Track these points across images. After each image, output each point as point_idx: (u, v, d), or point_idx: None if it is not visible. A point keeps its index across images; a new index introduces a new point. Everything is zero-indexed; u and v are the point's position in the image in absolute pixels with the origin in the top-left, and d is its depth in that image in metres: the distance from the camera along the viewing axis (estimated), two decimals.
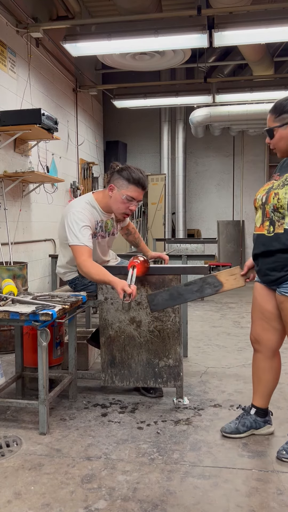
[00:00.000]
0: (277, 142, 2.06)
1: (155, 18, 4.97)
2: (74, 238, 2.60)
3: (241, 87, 7.54)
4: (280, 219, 1.97)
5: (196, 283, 2.34)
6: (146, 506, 1.77)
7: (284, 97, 2.06)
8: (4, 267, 3.92)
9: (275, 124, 2.04)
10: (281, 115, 2.02)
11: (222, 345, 4.03)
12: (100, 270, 2.52)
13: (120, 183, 2.71)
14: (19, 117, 4.20)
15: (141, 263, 2.56)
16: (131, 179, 2.69)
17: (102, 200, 2.79)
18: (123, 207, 2.74)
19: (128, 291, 2.33)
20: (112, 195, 2.74)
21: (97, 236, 2.82)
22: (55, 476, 1.98)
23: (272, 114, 2.06)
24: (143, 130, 9.56)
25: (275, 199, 1.97)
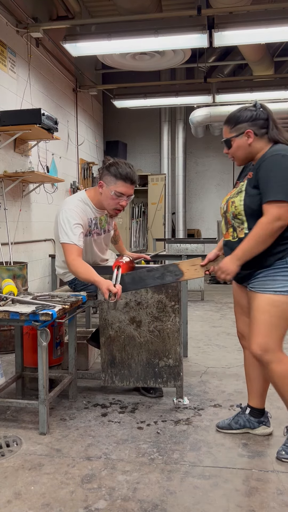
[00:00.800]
0: (235, 151, 2.15)
1: (155, 18, 4.97)
2: (65, 236, 2.60)
3: (241, 87, 7.54)
4: (240, 224, 2.10)
5: (158, 270, 2.42)
6: (146, 506, 1.77)
7: (236, 109, 2.16)
8: (4, 267, 3.92)
9: (232, 134, 2.13)
10: (236, 125, 2.12)
11: (222, 345, 4.03)
12: (87, 269, 2.51)
13: (108, 180, 2.71)
14: (19, 117, 4.20)
15: (126, 263, 2.58)
16: (118, 175, 2.68)
17: (95, 197, 2.79)
18: (113, 203, 2.74)
19: (114, 291, 2.33)
20: (102, 192, 2.74)
21: (92, 233, 2.82)
22: (55, 476, 1.98)
23: (228, 126, 2.16)
24: (143, 130, 9.56)
25: (232, 207, 2.12)
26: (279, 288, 2.00)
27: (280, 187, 1.94)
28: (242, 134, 2.10)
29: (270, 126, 2.08)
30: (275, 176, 1.96)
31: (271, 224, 1.93)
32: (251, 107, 2.12)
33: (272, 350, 2.04)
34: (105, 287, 2.36)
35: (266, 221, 1.94)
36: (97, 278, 2.44)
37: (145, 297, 2.65)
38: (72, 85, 6.92)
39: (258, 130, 2.08)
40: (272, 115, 2.11)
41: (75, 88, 7.04)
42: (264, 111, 2.11)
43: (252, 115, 2.09)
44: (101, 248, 2.96)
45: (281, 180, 1.95)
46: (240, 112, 2.12)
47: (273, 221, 1.93)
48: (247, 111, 2.11)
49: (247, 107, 2.14)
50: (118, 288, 2.35)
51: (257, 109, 2.10)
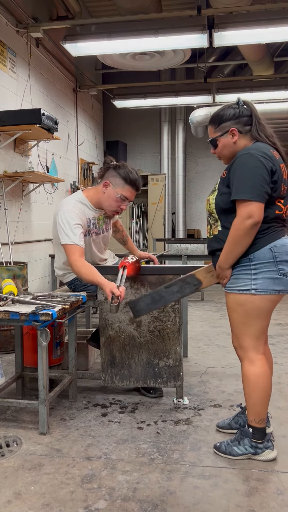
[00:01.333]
0: (221, 150, 2.15)
1: (155, 18, 4.97)
2: (65, 237, 2.59)
3: (241, 87, 7.55)
4: (215, 222, 2.14)
5: (176, 284, 2.37)
6: (146, 506, 1.77)
7: (219, 108, 2.15)
8: (4, 267, 3.92)
9: (217, 134, 2.13)
10: (220, 125, 2.11)
11: (222, 345, 4.03)
12: (90, 270, 2.50)
13: (116, 181, 2.70)
14: (19, 117, 4.20)
15: (132, 264, 2.56)
16: (128, 180, 2.69)
17: (94, 197, 2.78)
18: (115, 205, 2.75)
19: (117, 293, 2.31)
20: (106, 192, 2.73)
21: (91, 233, 2.81)
22: (55, 476, 1.98)
23: (212, 126, 2.16)
24: (143, 130, 9.56)
25: (207, 205, 2.16)
26: (241, 287, 2.02)
27: (245, 187, 1.94)
28: (227, 133, 2.09)
29: (254, 123, 2.07)
30: (241, 176, 1.96)
31: (243, 224, 1.93)
32: (234, 104, 2.12)
33: (245, 348, 2.07)
34: (108, 290, 2.34)
35: (238, 222, 1.95)
36: (100, 279, 2.43)
37: None
38: (72, 85, 6.92)
39: (242, 128, 2.08)
40: (256, 111, 2.10)
41: (75, 88, 7.04)
42: (248, 107, 2.10)
43: (235, 113, 2.08)
44: (99, 247, 2.96)
45: (246, 179, 1.95)
46: (223, 111, 2.11)
47: (244, 220, 1.93)
48: (230, 109, 2.11)
49: (230, 105, 2.13)
50: (121, 290, 2.33)
51: (240, 107, 2.10)
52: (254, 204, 1.92)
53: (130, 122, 9.49)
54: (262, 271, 1.98)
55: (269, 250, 1.98)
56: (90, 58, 7.00)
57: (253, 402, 2.07)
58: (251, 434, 2.09)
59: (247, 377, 2.08)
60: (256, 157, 1.95)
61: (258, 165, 1.94)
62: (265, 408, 2.08)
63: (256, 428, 2.08)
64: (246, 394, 2.10)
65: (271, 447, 2.10)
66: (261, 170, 1.93)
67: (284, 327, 4.63)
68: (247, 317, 2.04)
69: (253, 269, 2.00)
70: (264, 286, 1.98)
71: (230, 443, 2.14)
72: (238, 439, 2.12)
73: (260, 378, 2.05)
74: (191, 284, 2.35)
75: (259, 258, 1.99)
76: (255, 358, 2.06)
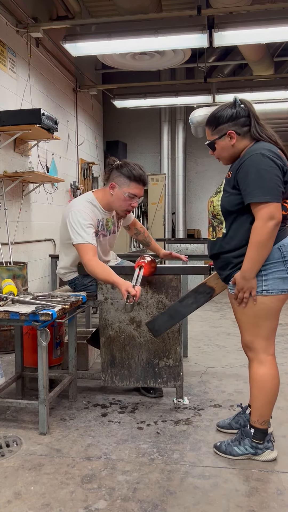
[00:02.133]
0: (220, 152, 2.11)
1: (155, 18, 4.97)
2: (78, 237, 2.59)
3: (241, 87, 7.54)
4: (219, 224, 2.09)
5: (190, 296, 2.37)
6: (146, 506, 1.77)
7: (216, 109, 2.10)
8: (4, 267, 3.92)
9: (214, 136, 2.09)
10: (217, 127, 2.07)
11: (222, 345, 4.03)
12: (105, 269, 2.50)
13: (121, 181, 2.70)
14: (19, 117, 4.20)
15: (148, 263, 2.53)
16: (132, 177, 2.68)
17: (103, 199, 2.78)
18: (125, 204, 2.74)
19: (132, 293, 2.30)
20: (114, 193, 2.73)
21: (99, 234, 2.81)
22: (55, 476, 1.98)
23: (209, 128, 2.11)
24: (143, 130, 9.56)
25: (211, 206, 2.11)
26: None
27: (262, 188, 1.89)
28: (225, 136, 2.04)
29: (252, 123, 2.02)
30: (256, 177, 1.91)
31: (266, 225, 1.89)
32: (231, 105, 2.06)
33: (255, 349, 2.06)
34: (124, 289, 2.33)
35: (260, 225, 1.90)
36: (116, 278, 2.42)
37: (145, 297, 2.65)
38: (72, 85, 6.92)
39: (240, 129, 2.02)
40: (254, 111, 2.05)
41: (75, 88, 7.04)
42: (245, 107, 2.03)
43: (232, 114, 2.03)
44: (104, 249, 2.96)
45: (262, 180, 1.90)
46: (220, 112, 2.06)
47: (266, 222, 1.89)
48: (227, 110, 2.04)
49: (226, 105, 2.07)
50: (137, 290, 2.32)
51: (237, 107, 2.04)
52: (274, 204, 1.89)
53: (130, 122, 9.49)
54: (272, 271, 1.97)
55: (278, 249, 1.97)
56: (90, 58, 6.99)
57: (260, 403, 2.06)
58: (252, 434, 2.09)
59: (255, 378, 2.06)
60: (269, 156, 1.91)
61: (272, 165, 1.90)
62: (270, 410, 2.08)
63: (259, 429, 2.08)
64: (253, 395, 2.09)
65: (271, 448, 2.10)
66: (276, 170, 1.90)
67: (284, 327, 4.63)
68: (257, 318, 2.02)
69: (263, 270, 1.97)
70: (274, 286, 1.97)
71: (231, 443, 2.14)
72: (239, 439, 2.12)
73: (268, 380, 2.04)
74: (205, 293, 2.35)
75: (268, 258, 1.96)
76: (265, 359, 2.05)
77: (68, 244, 2.75)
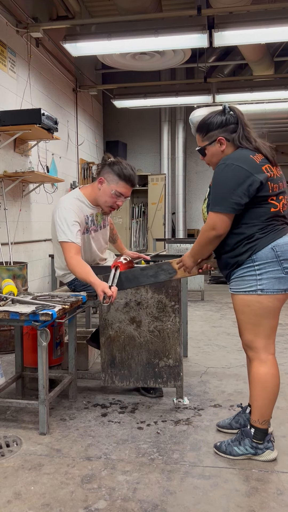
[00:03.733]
0: (210, 158, 2.17)
1: (155, 18, 4.97)
2: (62, 235, 2.60)
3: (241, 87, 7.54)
4: None
5: (152, 268, 2.46)
6: (146, 506, 1.77)
7: (206, 115, 2.16)
8: (4, 267, 3.92)
9: (205, 143, 2.15)
10: (207, 133, 2.13)
11: (222, 345, 4.03)
12: (84, 269, 2.51)
13: (110, 178, 2.71)
14: (19, 117, 4.20)
15: (125, 264, 2.57)
16: (122, 176, 2.69)
17: (91, 194, 2.79)
18: (110, 201, 2.76)
19: (108, 294, 2.33)
20: (101, 188, 2.74)
21: (90, 230, 2.82)
22: (55, 476, 1.98)
23: (200, 134, 2.17)
24: (143, 130, 9.56)
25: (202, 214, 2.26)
26: (248, 288, 2.03)
27: (215, 199, 2.00)
28: (215, 142, 2.11)
29: (238, 130, 2.08)
30: (215, 188, 2.01)
31: (206, 233, 2.04)
32: (221, 112, 2.12)
33: (256, 349, 2.08)
34: (100, 289, 2.36)
35: (203, 229, 2.05)
36: (93, 279, 2.44)
37: (145, 297, 2.65)
38: (72, 85, 6.92)
39: (229, 136, 2.08)
40: (242, 117, 2.11)
41: (75, 88, 7.04)
42: (234, 114, 2.10)
43: (222, 121, 2.09)
44: (99, 246, 2.96)
45: (217, 191, 1.99)
46: (210, 119, 2.12)
47: (208, 230, 2.03)
48: (217, 116, 2.11)
49: (217, 111, 2.14)
50: (113, 291, 2.35)
51: (227, 114, 2.10)
52: (219, 216, 1.98)
53: (130, 122, 9.49)
54: (267, 271, 1.98)
55: (271, 249, 1.98)
56: (90, 58, 6.99)
57: (261, 403, 2.06)
58: (253, 434, 2.09)
59: (257, 377, 2.07)
60: (230, 167, 1.98)
61: (229, 177, 1.97)
62: (271, 410, 2.08)
63: (259, 429, 2.08)
64: (254, 394, 2.09)
65: (271, 448, 2.10)
66: (232, 182, 1.96)
67: (284, 327, 4.63)
68: (255, 318, 2.04)
69: (257, 269, 2.00)
70: (270, 286, 1.98)
71: (231, 443, 2.14)
72: (239, 439, 2.12)
73: (270, 379, 2.05)
74: (166, 272, 2.44)
75: (262, 258, 1.99)
76: (266, 358, 2.06)
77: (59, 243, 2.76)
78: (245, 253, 2.02)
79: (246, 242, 2.01)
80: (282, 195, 2.05)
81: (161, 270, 2.45)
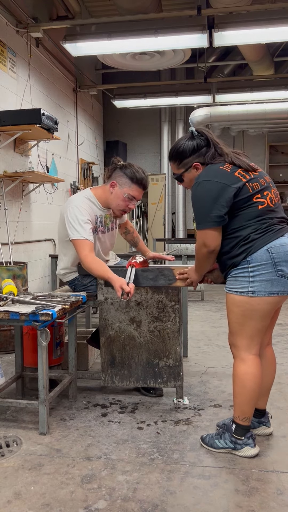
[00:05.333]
0: (188, 184, 2.23)
1: (155, 18, 4.97)
2: (75, 232, 2.60)
3: (241, 87, 7.55)
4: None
5: (153, 271, 2.52)
6: (146, 506, 1.77)
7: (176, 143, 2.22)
8: (4, 267, 3.92)
9: (181, 170, 2.21)
10: (182, 161, 2.19)
11: (222, 345, 4.03)
12: (101, 266, 2.52)
13: (123, 181, 2.71)
14: (19, 117, 4.20)
15: (140, 264, 2.59)
16: (135, 179, 2.70)
17: (102, 196, 2.79)
18: (123, 204, 2.76)
19: (126, 289, 2.36)
20: (113, 192, 2.74)
21: (97, 231, 2.82)
22: (55, 476, 1.98)
23: (174, 163, 2.23)
24: (143, 130, 9.56)
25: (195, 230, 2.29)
26: (239, 289, 2.04)
27: (197, 217, 2.06)
28: (190, 168, 2.17)
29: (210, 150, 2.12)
30: (194, 206, 2.08)
31: (200, 251, 2.11)
32: (189, 137, 2.17)
33: (238, 347, 2.11)
34: (118, 285, 2.39)
35: (196, 248, 2.13)
36: (111, 275, 2.46)
37: (145, 297, 2.65)
38: (72, 85, 6.92)
39: (203, 159, 2.13)
40: (211, 137, 2.15)
41: (75, 88, 7.04)
42: (203, 137, 2.14)
43: (194, 147, 2.14)
44: (105, 247, 2.96)
45: (196, 210, 2.06)
46: (182, 147, 2.16)
47: (200, 248, 2.09)
48: (187, 143, 2.15)
49: (186, 137, 2.18)
50: (131, 287, 2.38)
51: (196, 138, 2.15)
52: (206, 232, 2.04)
53: (130, 122, 9.49)
54: (260, 273, 1.99)
55: (266, 251, 1.99)
56: (90, 58, 6.99)
57: (240, 400, 2.10)
58: (233, 429, 2.13)
59: (236, 375, 2.11)
60: (201, 184, 2.04)
61: (202, 194, 2.03)
62: (250, 408, 2.11)
63: (239, 425, 2.12)
64: (234, 391, 2.13)
65: (251, 445, 2.12)
66: (206, 197, 2.01)
67: (284, 327, 4.63)
68: (242, 318, 2.06)
69: (251, 271, 2.01)
70: (261, 288, 1.99)
71: (214, 436, 2.20)
72: (220, 434, 2.18)
73: (248, 379, 2.07)
74: (166, 278, 2.51)
75: (257, 260, 1.99)
76: (247, 358, 2.08)
77: (66, 242, 2.75)
78: (240, 254, 2.03)
79: (242, 244, 2.03)
80: (266, 190, 2.07)
81: (162, 275, 2.50)
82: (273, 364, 2.30)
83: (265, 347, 2.27)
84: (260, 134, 8.87)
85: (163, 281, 2.51)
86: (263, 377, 2.21)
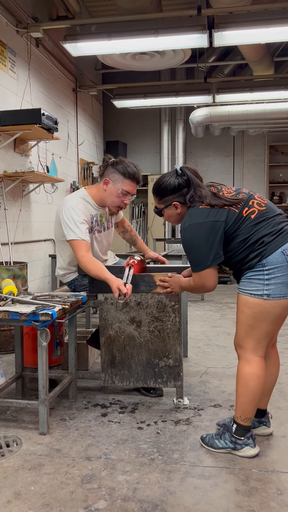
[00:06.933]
0: (168, 219, 2.31)
1: (155, 18, 4.97)
2: (71, 233, 2.60)
3: (241, 87, 7.54)
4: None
5: (135, 278, 2.54)
6: (146, 506, 1.77)
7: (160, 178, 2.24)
8: (4, 267, 3.92)
9: (161, 206, 2.27)
10: (162, 198, 2.24)
11: (222, 345, 4.03)
12: (98, 266, 2.52)
13: (115, 177, 2.72)
14: (19, 117, 4.20)
15: (138, 263, 2.59)
16: (127, 174, 2.70)
17: (96, 194, 2.79)
18: (118, 200, 2.76)
19: (124, 290, 2.35)
20: (107, 189, 2.74)
21: (94, 230, 2.82)
22: (55, 476, 1.98)
23: (155, 197, 2.28)
24: (143, 130, 9.56)
25: None
26: (253, 291, 2.03)
27: (192, 261, 2.10)
28: (170, 206, 2.21)
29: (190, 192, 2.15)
30: (187, 253, 2.12)
31: (197, 290, 2.19)
32: (174, 174, 2.19)
33: (244, 348, 2.10)
34: (115, 286, 2.38)
35: (194, 287, 2.18)
36: (108, 275, 2.46)
37: (145, 297, 2.65)
38: (72, 85, 6.92)
39: (183, 199, 2.17)
40: (193, 178, 2.17)
41: (75, 88, 7.04)
42: (185, 177, 2.17)
43: (175, 186, 2.17)
44: (102, 247, 2.96)
45: (190, 254, 2.10)
46: (165, 184, 2.19)
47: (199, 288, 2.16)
48: (170, 180, 2.18)
49: (171, 174, 2.21)
50: (128, 288, 2.38)
51: (179, 178, 2.18)
52: (203, 274, 2.08)
53: (130, 122, 9.49)
54: (275, 276, 1.98)
55: (281, 253, 1.98)
56: (90, 58, 6.99)
57: (242, 400, 2.10)
58: (234, 430, 2.13)
59: (240, 375, 2.11)
60: (189, 229, 2.07)
61: (193, 239, 2.06)
62: (252, 408, 2.11)
63: (240, 425, 2.12)
64: (236, 391, 2.13)
65: (251, 445, 2.12)
66: (198, 241, 2.05)
67: (284, 327, 4.63)
68: (253, 320, 2.04)
69: (266, 274, 1.99)
70: (276, 291, 1.98)
71: (214, 436, 2.20)
72: (221, 434, 2.18)
73: (252, 380, 2.07)
74: (147, 284, 2.56)
75: (272, 262, 1.98)
76: (252, 359, 2.08)
77: (63, 242, 2.76)
78: (256, 257, 2.02)
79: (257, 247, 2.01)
80: (250, 200, 2.10)
81: (142, 282, 2.56)
82: (277, 365, 2.31)
83: (270, 349, 2.27)
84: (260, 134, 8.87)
85: (143, 288, 2.56)
86: (266, 378, 2.21)
